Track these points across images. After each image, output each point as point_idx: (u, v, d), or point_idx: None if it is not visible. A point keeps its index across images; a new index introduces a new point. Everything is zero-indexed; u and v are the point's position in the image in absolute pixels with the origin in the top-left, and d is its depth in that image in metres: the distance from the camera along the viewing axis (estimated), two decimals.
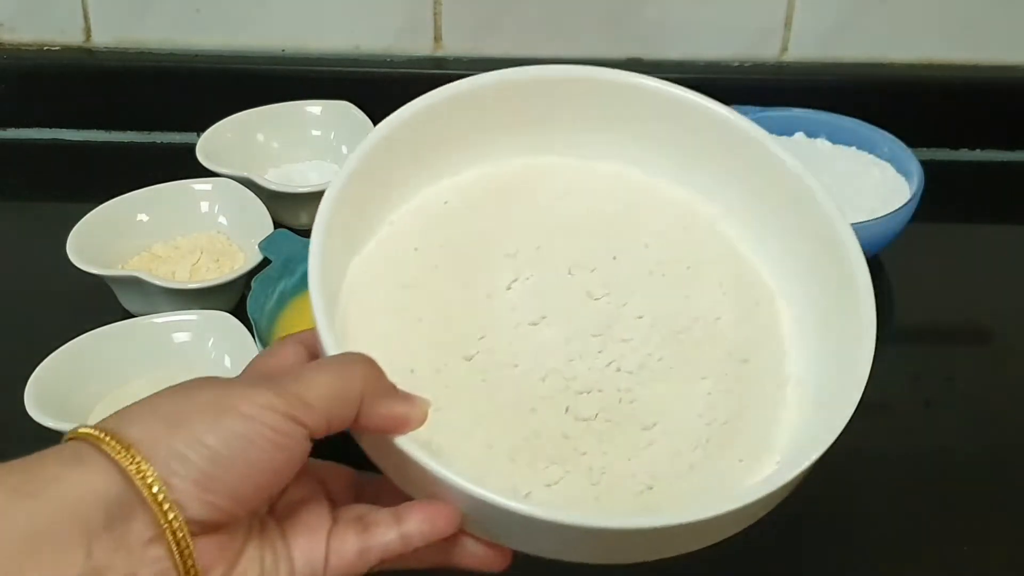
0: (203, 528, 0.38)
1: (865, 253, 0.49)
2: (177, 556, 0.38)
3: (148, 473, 0.37)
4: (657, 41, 0.95)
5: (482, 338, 0.49)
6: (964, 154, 0.97)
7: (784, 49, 0.96)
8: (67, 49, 0.97)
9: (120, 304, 0.76)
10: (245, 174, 0.82)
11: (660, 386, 0.49)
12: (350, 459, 0.47)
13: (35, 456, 0.38)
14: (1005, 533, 0.63)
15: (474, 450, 0.46)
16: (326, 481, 0.46)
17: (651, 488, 0.46)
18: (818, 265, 0.51)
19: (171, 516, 0.37)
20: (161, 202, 0.80)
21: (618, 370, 0.49)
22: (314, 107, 0.91)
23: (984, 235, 0.89)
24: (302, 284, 0.72)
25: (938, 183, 0.81)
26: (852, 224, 0.71)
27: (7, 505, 0.36)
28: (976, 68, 0.96)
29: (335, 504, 0.45)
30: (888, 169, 0.84)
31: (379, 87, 0.94)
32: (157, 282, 0.72)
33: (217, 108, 0.88)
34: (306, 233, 0.75)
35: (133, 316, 0.72)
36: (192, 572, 0.38)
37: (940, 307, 0.79)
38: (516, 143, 0.55)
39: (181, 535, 0.38)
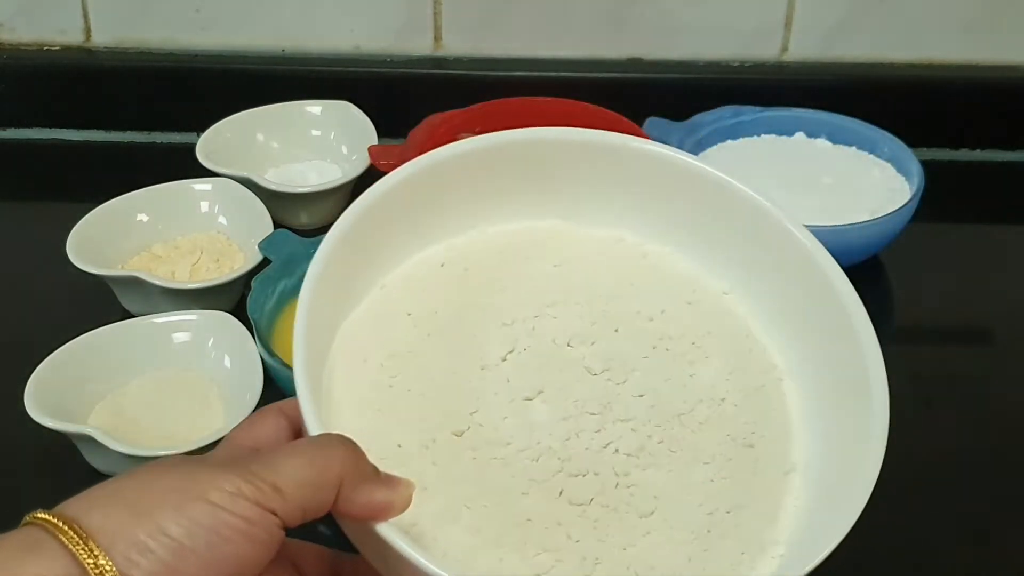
0: None
1: (865, 253, 0.48)
2: None
3: (106, 567, 0.35)
4: (657, 41, 0.95)
5: (474, 412, 0.47)
6: (964, 154, 0.97)
7: (784, 49, 0.96)
8: (67, 49, 0.97)
9: (120, 304, 0.76)
10: (245, 174, 0.82)
11: (660, 471, 0.47)
12: (325, 536, 0.46)
13: None
14: (1005, 533, 0.63)
15: (460, 535, 0.43)
16: (300, 564, 0.44)
17: None
18: (830, 347, 0.49)
19: None
20: (161, 202, 0.80)
21: (616, 452, 0.47)
22: (314, 107, 0.91)
23: (984, 235, 0.89)
24: (302, 284, 0.72)
25: (938, 183, 0.81)
26: (852, 224, 0.72)
27: None
28: (976, 68, 0.96)
29: None
30: (888, 169, 0.84)
31: (379, 87, 0.94)
32: (157, 282, 0.72)
33: (217, 108, 0.88)
34: (306, 233, 0.76)
35: (133, 316, 0.72)
36: None
37: (940, 307, 0.79)
38: (516, 206, 0.54)
39: None
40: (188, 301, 0.72)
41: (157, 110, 0.97)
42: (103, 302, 0.75)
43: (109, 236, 0.77)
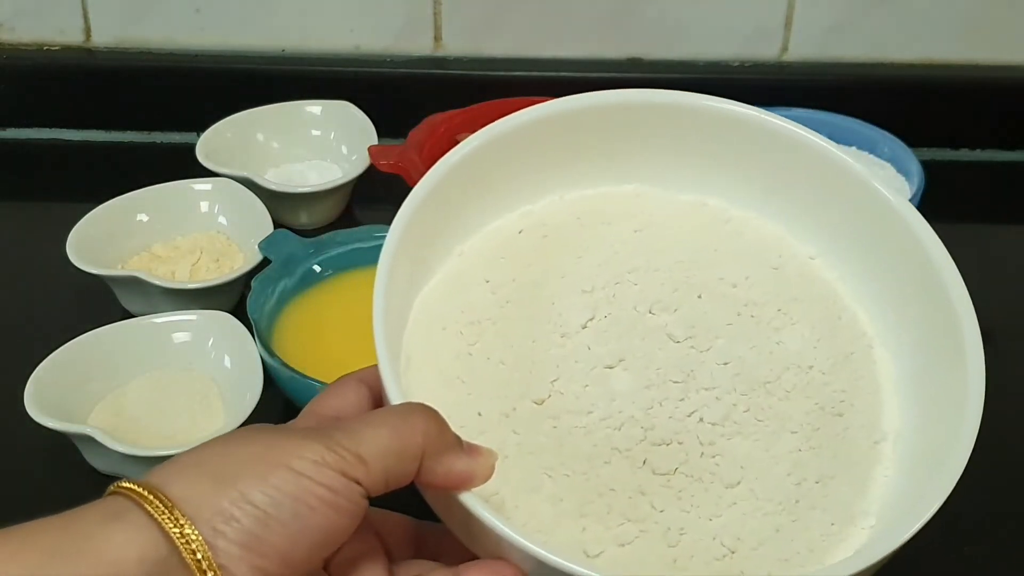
0: None
1: None
2: None
3: (192, 536, 0.35)
4: (657, 41, 0.95)
5: (555, 381, 0.46)
6: (964, 154, 0.97)
7: (784, 49, 0.96)
8: (67, 49, 0.97)
9: (120, 304, 0.76)
10: (245, 174, 0.82)
11: (745, 440, 0.46)
12: (410, 505, 0.45)
13: (73, 512, 0.36)
14: (1006, 533, 0.63)
15: (542, 504, 0.43)
16: (383, 534, 0.44)
17: (733, 553, 0.43)
18: (923, 313, 0.48)
19: None
20: (161, 202, 0.80)
21: (700, 421, 0.46)
22: (314, 107, 0.91)
23: (984, 235, 0.89)
24: (302, 284, 0.72)
25: (938, 183, 0.81)
26: None
27: (42, 567, 0.34)
28: (976, 68, 0.96)
29: (393, 558, 0.43)
30: (888, 169, 0.84)
31: (379, 87, 0.94)
32: (157, 282, 0.72)
33: (217, 108, 0.88)
34: (306, 233, 0.76)
35: (133, 316, 0.72)
36: None
37: None
38: (595, 171, 0.53)
39: None
40: (188, 301, 0.72)
41: (157, 110, 0.97)
42: (103, 302, 0.75)
43: (109, 236, 0.77)
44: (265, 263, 0.73)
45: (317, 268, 0.73)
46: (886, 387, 0.49)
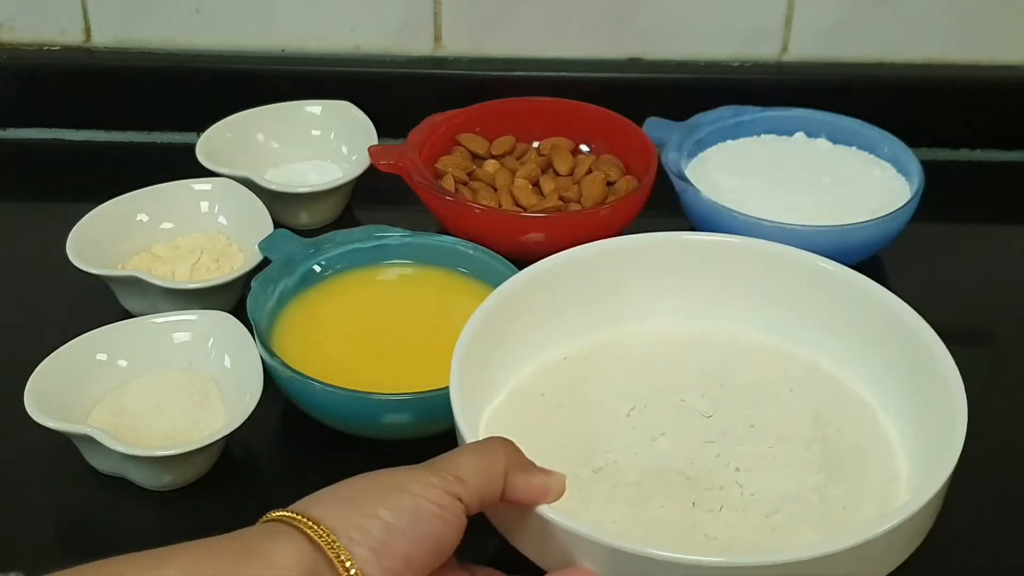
0: None
1: (865, 253, 0.50)
2: None
3: (335, 543, 0.44)
4: (657, 41, 0.95)
5: (608, 452, 0.56)
6: (964, 154, 0.97)
7: (784, 49, 0.96)
8: (67, 49, 0.97)
9: (120, 304, 0.76)
10: (245, 174, 0.82)
11: (777, 480, 0.55)
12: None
13: (239, 532, 0.46)
14: (1005, 533, 0.63)
15: (608, 540, 0.48)
16: (470, 571, 0.52)
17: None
18: (915, 386, 0.58)
19: None
20: (161, 202, 0.80)
21: (736, 470, 0.55)
22: (314, 107, 0.91)
23: (984, 235, 0.89)
24: (302, 284, 0.72)
25: (938, 183, 0.81)
26: (852, 224, 0.72)
27: (229, 566, 0.43)
28: (976, 68, 0.96)
29: None
30: (888, 169, 0.84)
31: (379, 87, 0.94)
32: (157, 282, 0.72)
33: (217, 108, 0.88)
34: (306, 233, 0.76)
35: (133, 316, 0.72)
36: None
37: (940, 307, 0.79)
38: (626, 309, 0.65)
39: None
40: (188, 301, 0.72)
41: (157, 110, 0.97)
42: (103, 302, 0.75)
43: (109, 236, 0.77)
44: (265, 263, 0.73)
45: (317, 268, 0.73)
46: (892, 439, 0.58)
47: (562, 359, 0.64)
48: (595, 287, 0.64)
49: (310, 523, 0.45)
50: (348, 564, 0.44)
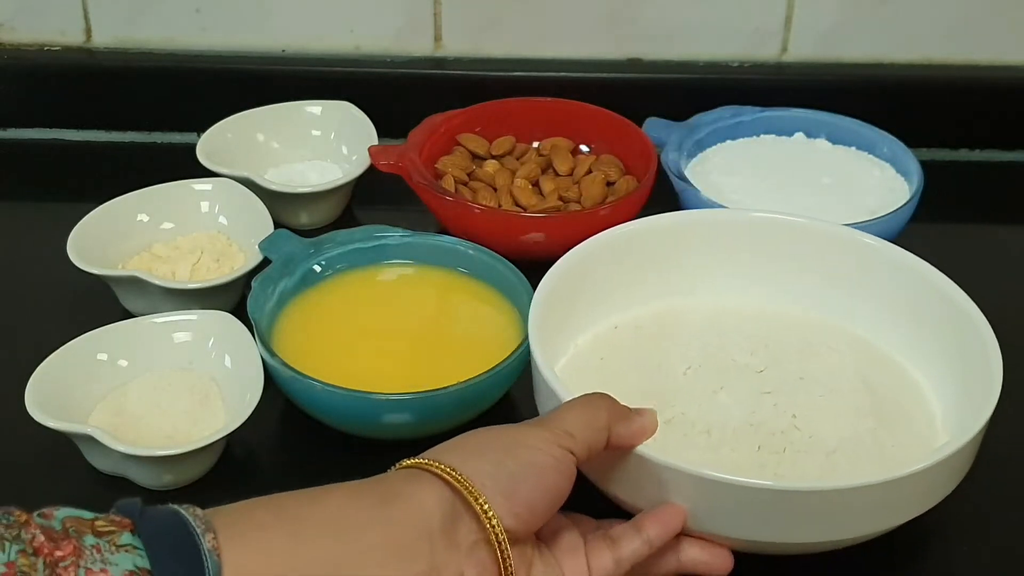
0: (509, 537, 0.48)
1: None
2: (499, 555, 0.48)
3: (472, 487, 0.48)
4: (657, 41, 0.95)
5: (674, 406, 0.60)
6: (964, 154, 0.97)
7: (784, 49, 0.96)
8: (67, 49, 0.97)
9: (120, 304, 0.76)
10: (245, 174, 0.82)
11: (833, 423, 0.60)
12: None
13: (380, 477, 0.49)
14: (1005, 533, 0.63)
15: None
16: (571, 518, 0.56)
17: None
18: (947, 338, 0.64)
19: (494, 522, 0.48)
20: (161, 202, 0.80)
21: (794, 416, 0.60)
22: (314, 107, 0.91)
23: (984, 235, 0.89)
24: (302, 284, 0.72)
25: (938, 183, 0.81)
26: (852, 224, 0.72)
27: (378, 507, 0.47)
28: (976, 68, 0.96)
29: (582, 530, 0.55)
30: (888, 169, 0.84)
31: (379, 87, 0.94)
32: (157, 282, 0.72)
33: (217, 108, 0.88)
34: (306, 233, 0.76)
35: (133, 316, 0.72)
36: (509, 572, 0.49)
37: None
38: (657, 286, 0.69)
39: (502, 538, 0.48)
40: (188, 301, 0.72)
41: (157, 110, 0.97)
42: (103, 302, 0.75)
43: (109, 236, 0.77)
44: (265, 263, 0.73)
45: (317, 268, 0.73)
46: (925, 389, 0.65)
47: (613, 328, 0.68)
48: (646, 261, 0.69)
49: (448, 469, 0.48)
50: (487, 508, 0.48)
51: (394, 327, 0.72)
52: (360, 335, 0.71)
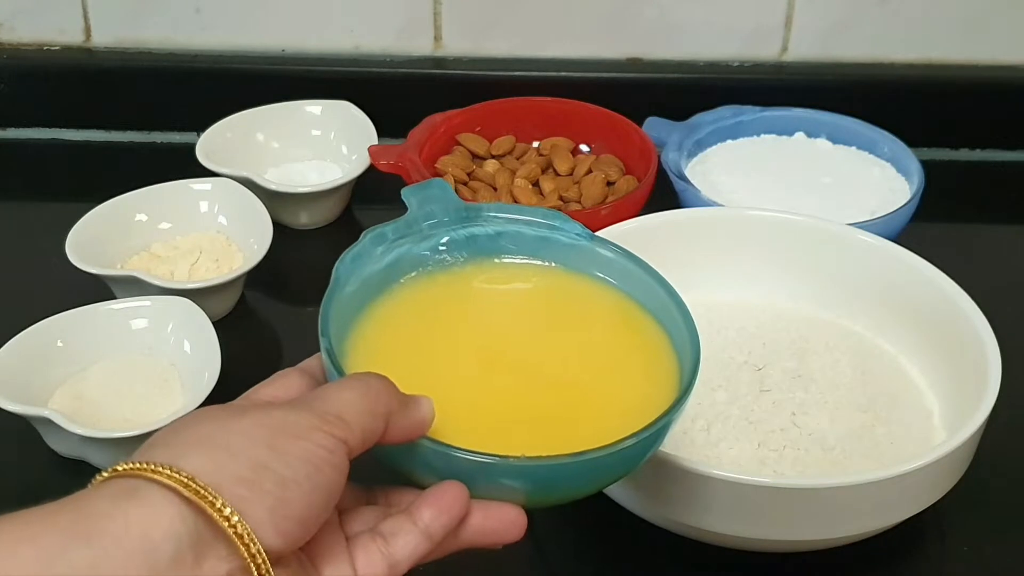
0: (272, 559, 0.36)
1: None
2: None
3: (220, 503, 0.35)
4: (657, 41, 0.95)
5: None
6: (964, 154, 0.97)
7: (784, 49, 0.96)
8: (67, 49, 0.97)
9: None
10: (245, 174, 0.82)
11: (829, 420, 0.60)
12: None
13: (79, 495, 0.35)
14: (1005, 533, 0.63)
15: None
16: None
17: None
18: (942, 338, 0.64)
19: (254, 548, 0.35)
20: (161, 202, 0.80)
21: (792, 413, 0.61)
22: (314, 107, 0.91)
23: (984, 235, 0.89)
24: (420, 263, 0.54)
25: (938, 183, 0.81)
26: (852, 224, 0.72)
27: (64, 549, 0.33)
28: (976, 68, 0.96)
29: (341, 513, 0.44)
30: (888, 169, 0.84)
31: (379, 87, 0.94)
32: (156, 282, 0.72)
33: (217, 108, 0.88)
34: (306, 233, 0.76)
35: None
36: None
37: None
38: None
39: (265, 568, 0.36)
40: None
41: (157, 110, 0.97)
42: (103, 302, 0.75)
43: (109, 236, 0.77)
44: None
45: (443, 247, 0.54)
46: (920, 383, 0.65)
47: None
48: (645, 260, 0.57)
49: (183, 477, 0.35)
50: (240, 528, 0.35)
51: (514, 350, 0.53)
52: (464, 348, 0.53)
